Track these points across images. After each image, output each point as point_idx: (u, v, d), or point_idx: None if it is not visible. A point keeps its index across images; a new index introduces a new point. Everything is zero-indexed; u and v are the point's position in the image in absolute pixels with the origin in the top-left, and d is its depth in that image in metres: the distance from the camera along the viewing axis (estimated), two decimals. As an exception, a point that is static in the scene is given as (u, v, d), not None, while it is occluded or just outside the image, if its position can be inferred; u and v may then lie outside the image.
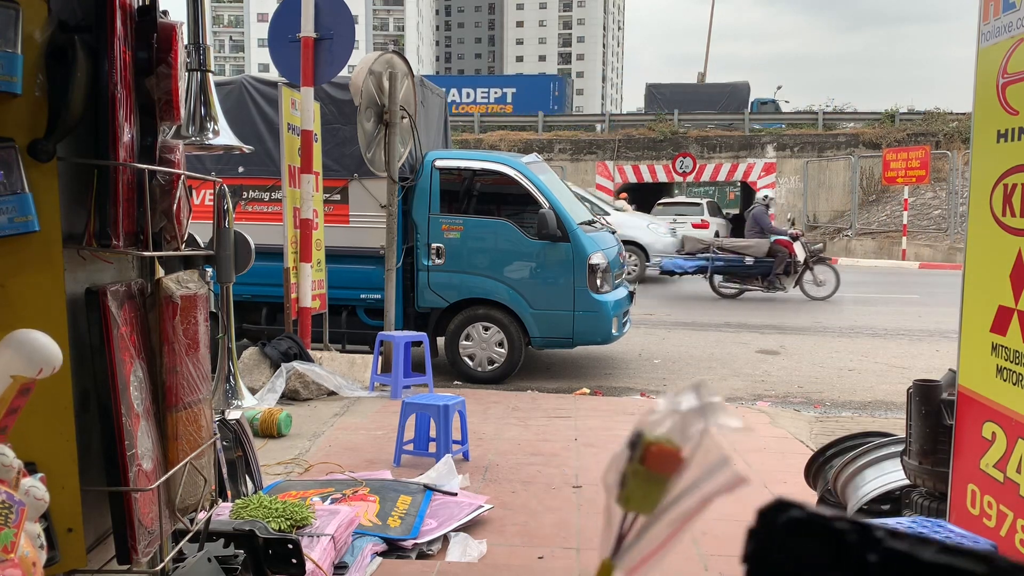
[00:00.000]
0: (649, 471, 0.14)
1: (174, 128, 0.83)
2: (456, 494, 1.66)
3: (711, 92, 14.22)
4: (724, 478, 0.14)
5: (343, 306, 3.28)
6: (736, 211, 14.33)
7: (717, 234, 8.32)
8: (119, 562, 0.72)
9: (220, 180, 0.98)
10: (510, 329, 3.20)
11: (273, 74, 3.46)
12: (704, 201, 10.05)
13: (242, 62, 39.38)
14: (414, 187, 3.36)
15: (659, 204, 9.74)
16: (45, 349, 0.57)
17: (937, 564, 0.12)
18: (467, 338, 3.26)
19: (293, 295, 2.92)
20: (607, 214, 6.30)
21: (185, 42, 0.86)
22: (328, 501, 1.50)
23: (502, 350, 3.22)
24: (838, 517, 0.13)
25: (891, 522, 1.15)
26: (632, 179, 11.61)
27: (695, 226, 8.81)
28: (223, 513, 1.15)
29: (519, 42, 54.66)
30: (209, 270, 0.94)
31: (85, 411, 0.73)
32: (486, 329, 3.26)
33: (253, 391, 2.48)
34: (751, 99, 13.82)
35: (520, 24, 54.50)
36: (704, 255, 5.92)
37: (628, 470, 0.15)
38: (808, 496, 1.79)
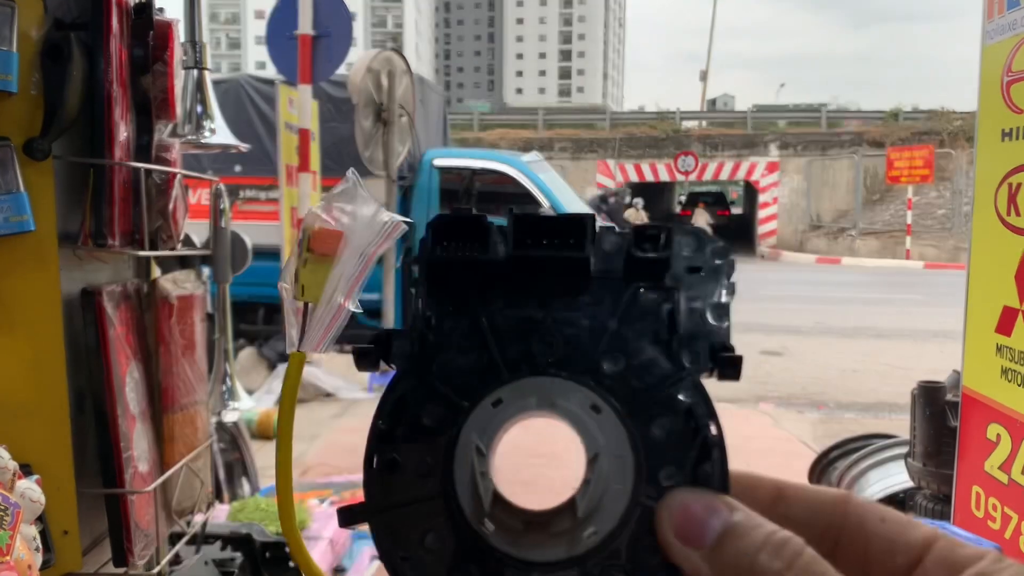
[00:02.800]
0: (315, 256, 0.14)
1: (170, 127, 0.83)
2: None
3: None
4: (385, 230, 0.15)
5: None
6: (739, 211, 14.35)
7: None
8: (115, 565, 0.72)
9: (217, 179, 0.98)
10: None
11: (270, 72, 3.45)
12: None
13: (239, 60, 39.44)
14: (413, 186, 3.35)
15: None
16: None
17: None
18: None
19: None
20: None
21: (182, 39, 0.85)
22: (326, 503, 1.50)
23: (503, 350, 3.24)
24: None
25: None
26: (634, 178, 11.58)
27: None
28: (220, 516, 1.15)
29: (519, 39, 54.54)
30: (206, 270, 0.93)
31: (81, 413, 0.72)
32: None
33: (250, 392, 2.49)
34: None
35: (520, 21, 54.37)
36: None
37: (299, 263, 0.15)
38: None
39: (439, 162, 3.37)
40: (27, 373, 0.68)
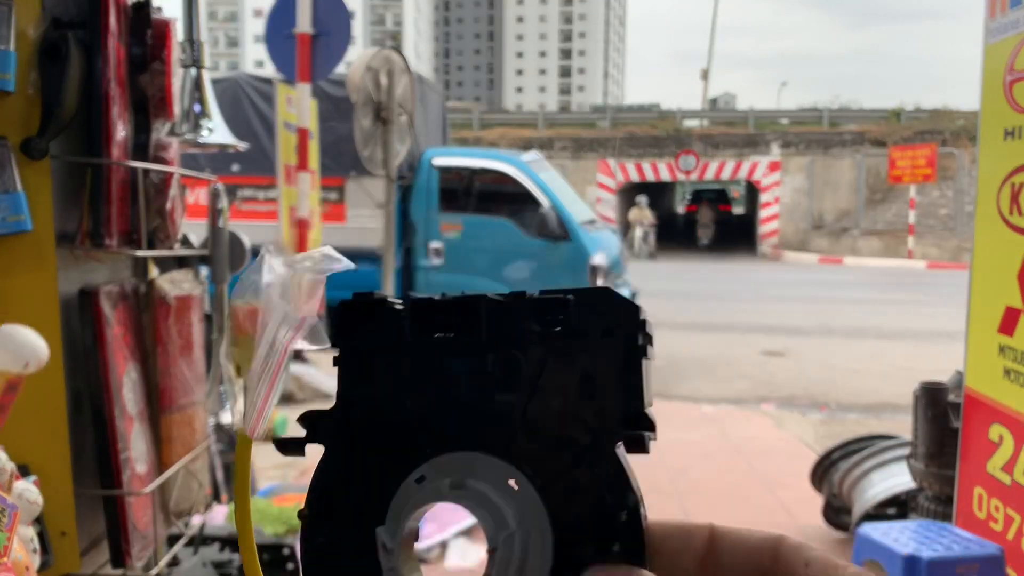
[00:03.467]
0: (240, 333, 0.14)
1: (168, 126, 0.82)
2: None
3: None
4: (294, 325, 0.14)
5: None
6: (741, 210, 14.31)
7: None
8: (113, 566, 0.72)
9: (215, 178, 0.97)
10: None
11: (269, 70, 3.45)
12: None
13: (237, 58, 39.45)
14: (412, 186, 3.35)
15: None
16: (30, 343, 0.57)
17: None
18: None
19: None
20: None
21: (180, 38, 0.85)
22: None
23: (503, 350, 3.24)
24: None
25: (897, 526, 1.14)
26: (635, 177, 11.55)
27: None
28: (218, 517, 1.14)
29: (519, 38, 54.47)
30: (204, 270, 0.93)
31: (78, 413, 0.72)
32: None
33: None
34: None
35: (520, 20, 54.29)
36: None
37: (231, 341, 0.15)
38: (814, 500, 1.78)
39: (438, 161, 3.36)
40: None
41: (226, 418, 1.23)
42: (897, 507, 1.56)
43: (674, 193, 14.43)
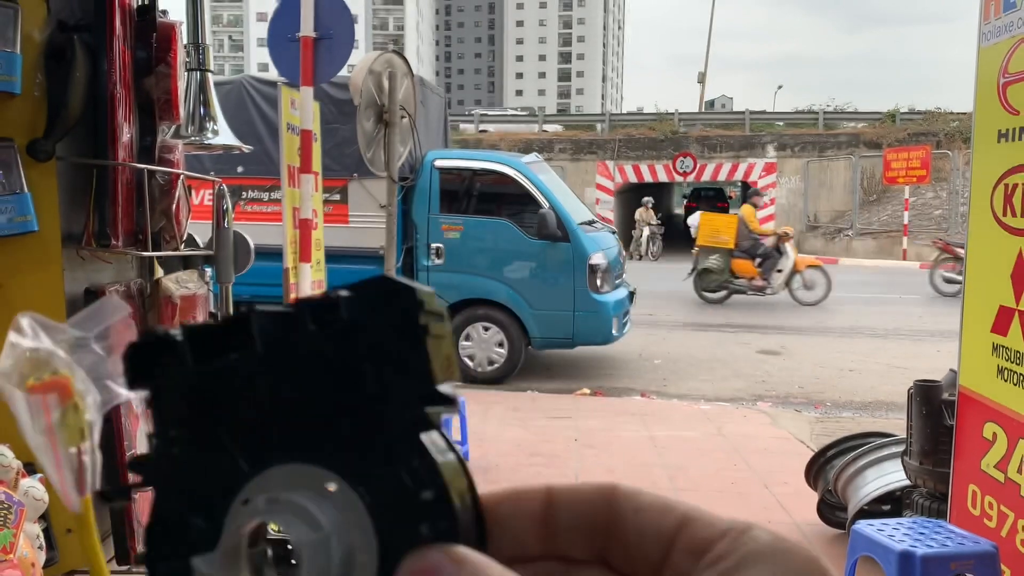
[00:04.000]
0: (67, 405, 0.14)
1: (173, 128, 0.83)
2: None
3: None
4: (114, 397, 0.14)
5: None
6: (737, 211, 14.61)
7: None
8: (118, 563, 0.72)
9: (219, 180, 0.98)
10: (510, 329, 3.19)
11: (272, 74, 3.46)
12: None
13: (241, 62, 39.41)
14: (414, 187, 3.36)
15: None
16: None
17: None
18: (467, 338, 3.25)
19: (293, 295, 2.92)
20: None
21: (184, 42, 0.85)
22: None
23: (502, 350, 3.22)
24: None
25: (892, 522, 1.15)
26: (633, 179, 11.61)
27: None
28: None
29: (519, 42, 54.61)
30: (208, 270, 0.93)
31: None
32: (486, 329, 3.26)
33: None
34: None
35: (520, 24, 54.46)
36: None
37: (55, 419, 0.15)
38: (809, 497, 1.80)
39: (440, 163, 3.38)
40: (31, 372, 0.68)
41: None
42: (892, 504, 1.57)
43: (672, 194, 14.54)
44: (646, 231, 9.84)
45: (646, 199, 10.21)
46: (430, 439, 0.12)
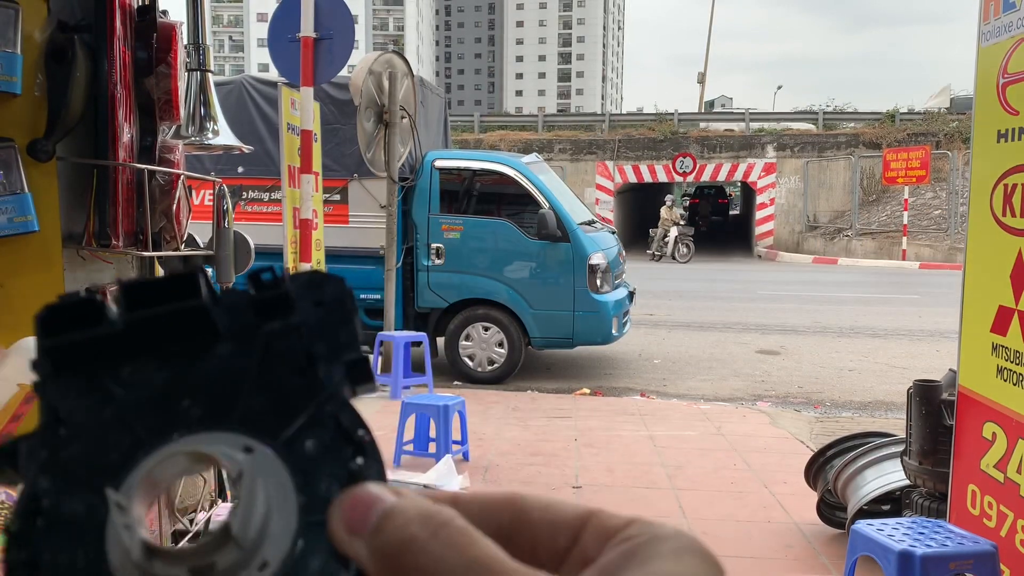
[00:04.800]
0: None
1: (174, 128, 0.83)
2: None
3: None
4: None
5: None
6: (737, 212, 14.73)
7: None
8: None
9: (220, 180, 0.98)
10: (510, 329, 3.20)
11: (273, 74, 3.46)
12: None
13: (242, 62, 39.41)
14: (414, 187, 3.36)
15: None
16: None
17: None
18: (467, 338, 3.26)
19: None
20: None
21: (185, 42, 0.86)
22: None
23: (502, 350, 3.22)
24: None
25: (891, 522, 1.15)
26: (632, 179, 11.62)
27: None
28: (222, 513, 1.14)
29: (519, 42, 54.64)
30: (209, 270, 0.93)
31: None
32: (486, 329, 3.26)
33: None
34: None
35: (520, 24, 54.49)
36: None
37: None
38: (808, 496, 1.79)
39: (439, 163, 3.38)
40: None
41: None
42: (891, 504, 1.57)
43: (672, 193, 14.67)
44: (673, 231, 9.35)
45: (668, 197, 9.95)
46: (353, 401, 0.12)
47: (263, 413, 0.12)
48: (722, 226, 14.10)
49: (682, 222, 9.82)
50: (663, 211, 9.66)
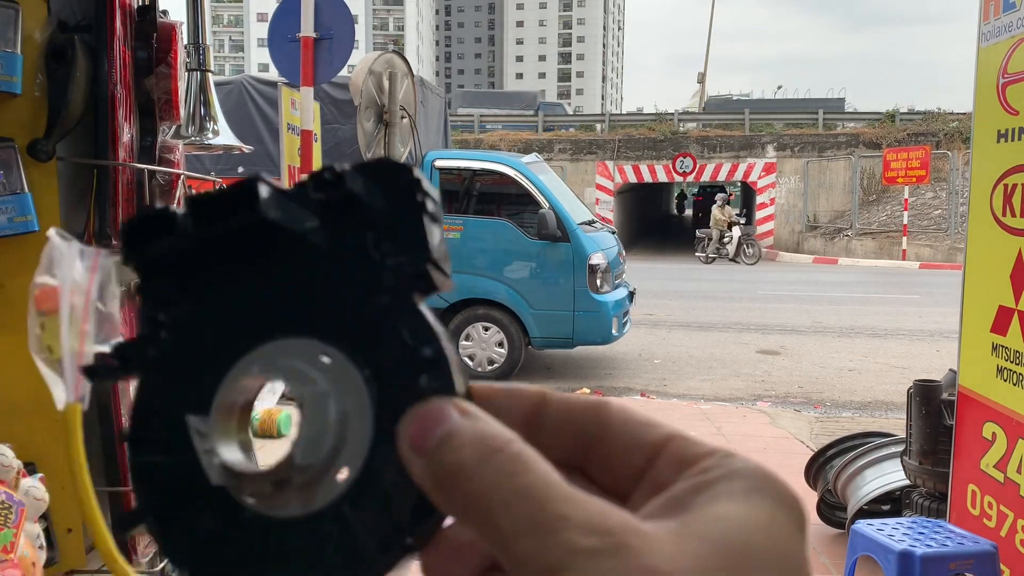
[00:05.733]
0: (46, 316, 0.15)
1: (174, 128, 0.83)
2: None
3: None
4: (88, 268, 0.15)
5: None
6: (737, 211, 14.96)
7: None
8: (118, 563, 0.72)
9: (220, 180, 0.98)
10: (510, 329, 3.20)
11: (273, 74, 3.46)
12: None
13: (242, 62, 39.44)
14: (414, 187, 3.35)
15: None
16: None
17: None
18: (467, 338, 3.27)
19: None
20: None
21: (185, 42, 0.86)
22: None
23: (502, 350, 3.22)
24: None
25: (892, 522, 1.16)
26: (632, 179, 11.63)
27: None
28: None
29: (519, 42, 54.68)
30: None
31: (84, 411, 0.73)
32: (486, 329, 3.27)
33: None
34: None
35: (520, 24, 54.51)
36: None
37: (39, 324, 0.16)
38: (808, 496, 1.79)
39: (440, 163, 3.39)
40: (31, 373, 0.68)
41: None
42: (891, 504, 1.57)
43: (671, 194, 14.73)
44: (735, 231, 8.76)
45: (720, 196, 9.37)
46: (426, 307, 0.12)
47: (336, 320, 0.12)
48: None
49: (741, 220, 9.22)
50: (715, 211, 9.11)
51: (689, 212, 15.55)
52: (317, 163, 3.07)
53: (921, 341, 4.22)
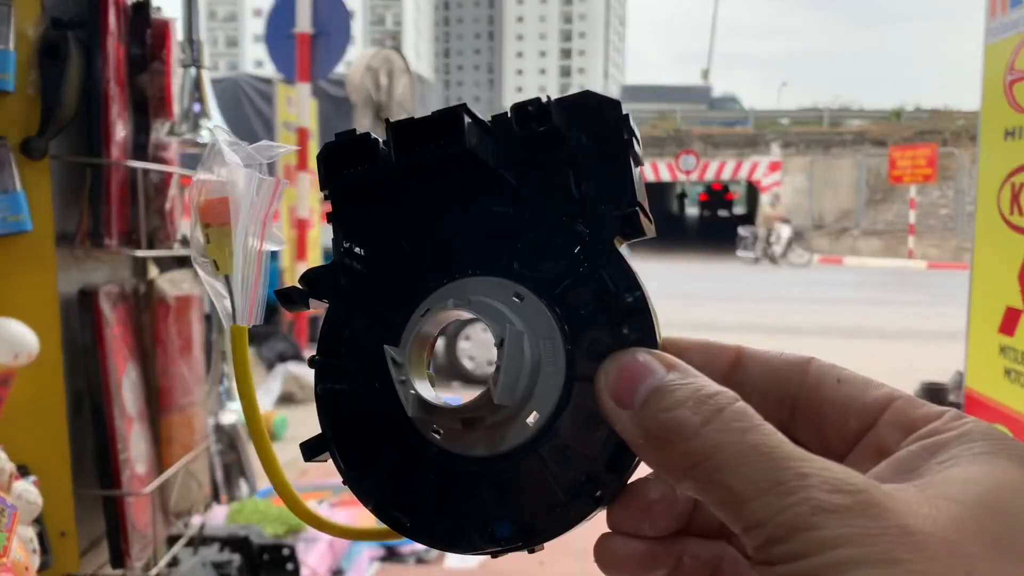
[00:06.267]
0: (213, 228, 0.15)
1: (168, 125, 0.82)
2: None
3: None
4: (269, 188, 0.15)
5: None
6: (741, 211, 14.89)
7: None
8: (112, 566, 0.72)
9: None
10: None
11: (268, 70, 3.44)
12: None
13: (237, 58, 39.44)
14: (414, 185, 3.33)
15: None
16: (19, 334, 0.57)
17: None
18: (467, 338, 3.29)
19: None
20: None
21: (179, 38, 0.85)
22: (325, 505, 1.50)
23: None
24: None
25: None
26: (634, 177, 11.53)
27: None
28: (218, 517, 1.15)
29: (519, 38, 54.49)
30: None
31: (78, 413, 0.72)
32: (485, 330, 3.24)
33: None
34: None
35: (520, 20, 54.31)
36: None
37: (204, 239, 0.15)
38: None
39: (439, 161, 3.34)
40: (24, 373, 0.68)
41: (226, 418, 1.23)
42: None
43: (672, 191, 14.77)
44: (785, 231, 8.39)
45: (770, 193, 9.16)
46: (626, 256, 0.12)
47: (531, 260, 0.12)
48: (729, 214, 14.42)
49: (790, 219, 8.86)
50: (766, 207, 8.83)
51: (691, 211, 15.57)
52: (313, 161, 3.05)
53: (928, 342, 4.20)
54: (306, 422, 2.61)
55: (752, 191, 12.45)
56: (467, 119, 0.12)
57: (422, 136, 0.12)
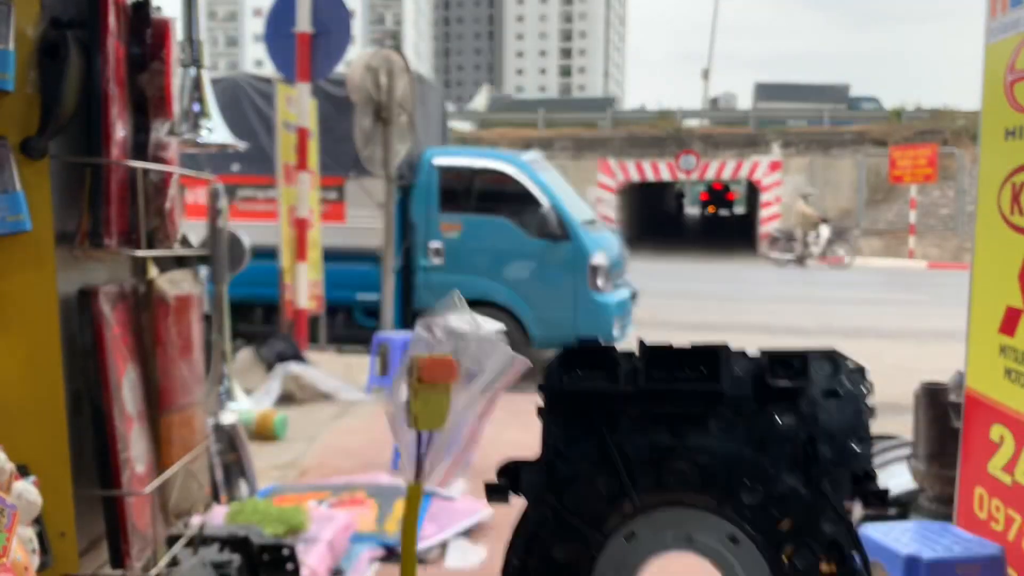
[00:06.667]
0: (428, 385, 0.15)
1: (167, 125, 0.82)
2: (455, 499, 1.64)
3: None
4: (509, 367, 0.15)
5: (340, 307, 3.26)
6: (742, 210, 14.89)
7: None
8: (112, 567, 0.72)
9: (214, 178, 0.97)
10: (510, 330, 3.14)
11: (268, 70, 3.44)
12: None
13: (237, 57, 39.35)
14: (412, 185, 3.35)
15: None
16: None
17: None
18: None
19: (288, 296, 2.91)
20: None
21: (179, 37, 0.84)
22: (324, 505, 1.49)
23: (503, 349, 3.24)
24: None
25: (898, 526, 1.14)
26: (635, 177, 11.57)
27: None
28: (218, 518, 1.15)
29: (519, 37, 54.42)
30: (203, 270, 0.93)
31: (78, 414, 0.72)
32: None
33: (248, 393, 2.47)
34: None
35: (520, 19, 54.26)
36: None
37: (410, 392, 0.15)
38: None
39: (439, 161, 3.37)
40: (24, 374, 0.67)
41: (225, 418, 1.23)
42: (898, 507, 1.55)
43: (672, 191, 14.77)
44: (824, 231, 7.85)
45: (807, 193, 8.53)
46: (850, 513, 0.12)
47: (753, 505, 0.12)
48: (729, 214, 14.54)
49: (826, 218, 8.24)
50: (802, 207, 8.17)
51: (690, 211, 15.55)
52: (313, 161, 3.05)
53: (928, 342, 4.20)
54: (306, 421, 2.60)
55: (752, 190, 12.45)
56: (727, 361, 0.13)
57: (677, 366, 0.13)
